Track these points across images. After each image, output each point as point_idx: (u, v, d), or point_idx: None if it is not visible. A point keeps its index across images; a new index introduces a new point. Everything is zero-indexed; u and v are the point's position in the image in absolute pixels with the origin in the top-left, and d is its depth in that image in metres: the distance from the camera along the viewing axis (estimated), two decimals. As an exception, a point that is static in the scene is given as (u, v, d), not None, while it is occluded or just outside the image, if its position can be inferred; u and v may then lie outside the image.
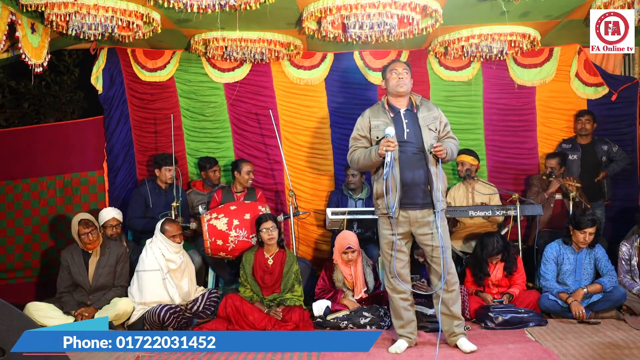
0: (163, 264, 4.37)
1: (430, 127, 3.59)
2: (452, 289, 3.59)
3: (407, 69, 3.67)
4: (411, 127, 3.58)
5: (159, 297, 4.34)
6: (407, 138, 3.56)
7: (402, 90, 3.61)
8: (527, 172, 5.83)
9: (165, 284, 4.36)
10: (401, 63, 3.70)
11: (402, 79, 3.60)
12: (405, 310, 3.65)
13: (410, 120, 3.60)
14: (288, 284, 4.42)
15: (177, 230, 4.46)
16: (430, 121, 3.60)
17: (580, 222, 4.35)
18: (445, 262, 3.53)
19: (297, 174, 5.84)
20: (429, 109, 3.65)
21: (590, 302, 4.36)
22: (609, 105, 5.74)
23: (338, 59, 5.81)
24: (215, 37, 5.05)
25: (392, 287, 3.65)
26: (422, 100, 3.71)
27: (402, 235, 3.59)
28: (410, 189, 3.51)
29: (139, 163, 5.86)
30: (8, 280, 5.62)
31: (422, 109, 3.63)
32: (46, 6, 4.14)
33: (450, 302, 3.59)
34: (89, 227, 4.41)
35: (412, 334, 3.67)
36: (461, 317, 3.66)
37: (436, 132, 3.61)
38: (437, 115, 3.65)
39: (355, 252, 4.52)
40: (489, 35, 5.01)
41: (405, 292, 3.63)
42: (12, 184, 5.71)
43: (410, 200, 3.53)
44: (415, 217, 3.54)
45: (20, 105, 6.28)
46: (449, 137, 3.68)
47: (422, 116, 3.60)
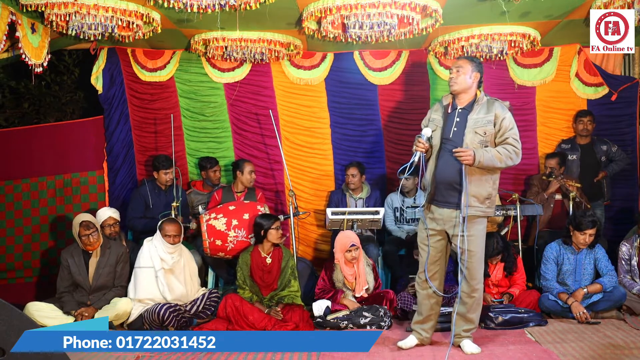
0: (157, 261, 4.37)
1: (477, 130, 3.45)
2: (473, 295, 3.54)
3: (461, 67, 3.53)
4: (459, 126, 3.51)
5: (151, 294, 4.33)
6: (452, 137, 3.51)
7: (452, 88, 3.56)
8: (527, 172, 5.83)
9: (157, 282, 4.35)
10: (457, 60, 3.61)
11: (452, 78, 3.56)
12: (427, 307, 3.65)
13: (461, 119, 3.52)
14: (284, 280, 4.44)
15: (174, 231, 4.41)
16: (482, 124, 3.46)
17: (581, 223, 4.35)
18: (473, 267, 3.49)
19: (297, 174, 5.84)
20: (488, 111, 3.48)
21: (590, 302, 4.36)
22: (609, 105, 5.73)
23: (338, 59, 5.81)
24: (215, 37, 5.04)
25: (420, 281, 3.66)
26: (488, 101, 3.54)
27: (435, 232, 3.58)
28: (445, 187, 3.50)
29: (138, 163, 5.86)
30: (8, 280, 5.62)
31: (480, 110, 3.49)
32: (46, 6, 4.14)
33: (468, 308, 3.55)
34: (90, 228, 4.41)
35: (425, 332, 3.67)
36: (475, 323, 3.61)
37: (484, 136, 3.44)
38: (492, 119, 3.45)
39: (358, 249, 4.54)
40: (489, 35, 5.00)
41: (431, 289, 3.61)
42: (12, 184, 5.71)
43: (443, 199, 3.52)
44: (449, 216, 3.52)
45: (20, 105, 6.27)
46: (505, 143, 3.45)
47: (474, 117, 3.48)
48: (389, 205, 5.43)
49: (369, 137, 5.89)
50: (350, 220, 4.96)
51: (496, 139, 3.48)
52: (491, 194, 3.50)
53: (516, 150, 3.46)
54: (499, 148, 3.44)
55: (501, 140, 3.47)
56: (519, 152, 3.49)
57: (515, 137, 3.48)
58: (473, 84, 3.54)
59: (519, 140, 3.51)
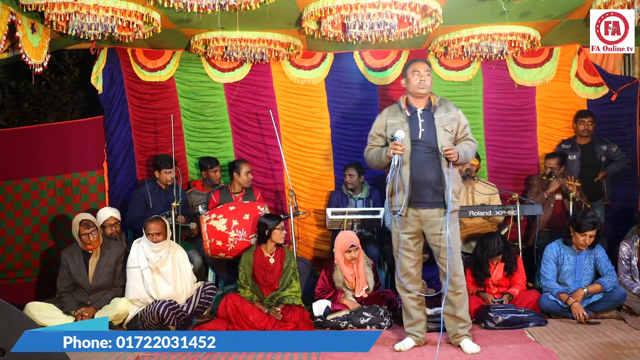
0: (143, 261, 4.35)
1: (446, 128, 3.56)
2: (458, 292, 3.58)
3: (429, 69, 3.66)
4: (426, 127, 3.56)
5: (139, 294, 4.32)
6: (421, 137, 3.56)
7: (423, 91, 3.60)
8: (527, 172, 5.83)
9: (143, 282, 4.34)
10: (423, 63, 3.66)
11: (424, 80, 3.59)
12: (414, 309, 3.66)
13: (426, 120, 3.58)
14: (286, 280, 4.44)
15: (156, 229, 4.35)
16: (447, 122, 3.57)
17: (581, 224, 4.35)
18: (453, 264, 3.51)
19: (297, 174, 5.83)
20: (448, 109, 3.61)
21: (590, 302, 4.36)
22: (609, 105, 5.73)
23: (338, 59, 5.81)
24: (215, 37, 5.04)
25: (402, 286, 3.66)
26: (440, 100, 3.67)
27: (413, 235, 3.60)
28: (422, 187, 3.52)
29: (139, 163, 5.86)
30: (8, 280, 5.62)
31: (440, 110, 3.60)
32: (46, 6, 4.14)
33: (457, 305, 3.58)
34: (90, 227, 4.41)
35: (420, 333, 3.68)
36: (467, 320, 3.63)
37: (452, 133, 3.58)
38: (454, 116, 3.60)
39: (358, 250, 4.53)
40: (489, 35, 5.00)
41: (413, 292, 3.64)
42: (12, 184, 5.71)
43: (421, 199, 3.54)
44: (426, 216, 3.55)
45: (20, 105, 6.27)
46: (467, 139, 3.63)
47: (438, 117, 3.58)
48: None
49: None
50: (350, 220, 4.96)
51: (457, 136, 3.65)
52: (461, 188, 3.72)
53: (475, 144, 3.70)
54: (463, 144, 3.61)
55: (462, 136, 3.65)
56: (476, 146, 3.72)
57: (471, 132, 3.71)
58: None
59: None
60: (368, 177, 5.70)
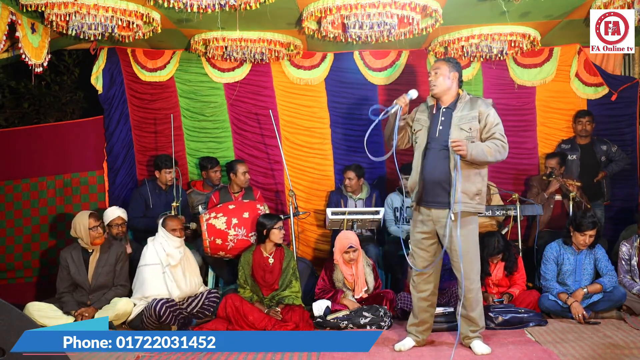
0: (163, 258, 4.38)
1: (462, 127, 3.47)
2: (468, 296, 3.52)
3: (439, 68, 3.56)
4: (444, 125, 3.53)
5: (158, 290, 4.32)
6: (437, 136, 3.53)
7: (433, 91, 3.59)
8: (527, 172, 5.83)
9: (164, 278, 4.36)
10: (437, 62, 3.62)
11: (431, 81, 3.59)
12: (421, 310, 3.64)
13: (446, 118, 3.55)
14: (286, 280, 4.44)
15: (177, 224, 4.49)
16: (466, 120, 3.48)
17: (581, 224, 4.35)
18: (465, 267, 3.43)
19: (297, 174, 5.83)
20: (472, 108, 3.50)
21: (590, 302, 4.35)
22: (609, 105, 5.73)
23: (338, 59, 5.81)
24: (215, 37, 5.04)
25: (414, 284, 3.65)
26: (471, 99, 3.56)
27: (427, 235, 3.57)
28: (433, 187, 3.50)
29: (139, 163, 5.86)
30: (8, 280, 5.62)
31: (463, 108, 3.52)
32: (46, 6, 4.14)
33: (469, 307, 3.54)
34: (99, 220, 4.47)
35: (422, 334, 3.67)
36: (479, 323, 3.57)
37: (470, 132, 3.46)
38: (476, 115, 3.48)
39: (357, 251, 4.53)
40: (489, 35, 5.00)
41: (425, 292, 3.61)
42: (12, 184, 5.71)
43: (432, 199, 3.52)
44: (437, 216, 3.51)
45: (20, 105, 6.27)
46: (492, 139, 3.47)
47: (457, 115, 3.51)
48: (389, 205, 5.42)
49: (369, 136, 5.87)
50: (350, 220, 4.96)
51: (482, 135, 3.51)
52: (481, 190, 3.52)
53: (504, 145, 3.49)
54: (488, 143, 3.46)
55: (488, 135, 3.50)
56: (507, 146, 3.51)
57: (501, 132, 3.51)
58: (452, 84, 3.57)
59: (505, 135, 3.53)
60: (368, 177, 5.70)
